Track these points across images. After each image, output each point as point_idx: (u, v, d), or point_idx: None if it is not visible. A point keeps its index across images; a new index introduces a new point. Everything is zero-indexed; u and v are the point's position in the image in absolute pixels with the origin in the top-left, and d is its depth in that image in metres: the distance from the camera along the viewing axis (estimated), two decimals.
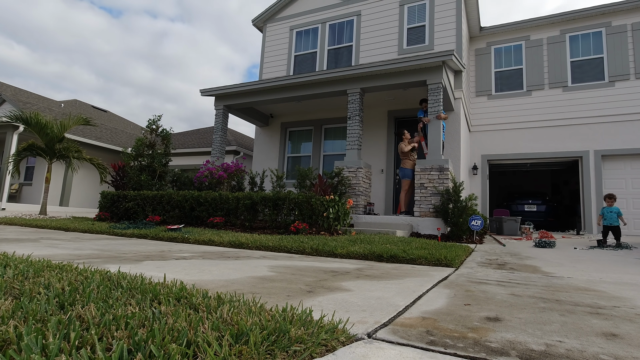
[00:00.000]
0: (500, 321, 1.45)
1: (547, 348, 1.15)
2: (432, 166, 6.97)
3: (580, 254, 4.87)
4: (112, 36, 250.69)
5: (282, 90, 8.79)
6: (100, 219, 7.82)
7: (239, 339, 1.00)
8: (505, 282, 2.47)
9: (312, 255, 3.76)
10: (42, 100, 17.21)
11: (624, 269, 3.43)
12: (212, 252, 3.64)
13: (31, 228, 6.08)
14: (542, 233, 7.32)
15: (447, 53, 7.21)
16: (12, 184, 14.06)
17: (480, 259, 3.96)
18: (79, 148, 10.74)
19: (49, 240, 4.24)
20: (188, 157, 15.24)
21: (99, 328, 0.99)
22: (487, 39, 11.47)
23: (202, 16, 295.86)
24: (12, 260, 2.10)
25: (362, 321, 1.36)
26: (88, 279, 1.66)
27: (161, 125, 9.56)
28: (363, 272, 2.70)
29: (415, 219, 6.92)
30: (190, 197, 7.11)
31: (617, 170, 9.89)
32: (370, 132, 9.57)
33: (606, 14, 10.23)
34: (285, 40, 11.45)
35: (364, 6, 10.44)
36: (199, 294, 1.46)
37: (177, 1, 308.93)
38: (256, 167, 10.79)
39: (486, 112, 11.15)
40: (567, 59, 10.48)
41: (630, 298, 2.06)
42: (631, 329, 1.40)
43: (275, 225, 6.35)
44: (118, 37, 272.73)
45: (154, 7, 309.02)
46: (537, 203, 12.89)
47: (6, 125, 12.11)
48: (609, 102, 9.87)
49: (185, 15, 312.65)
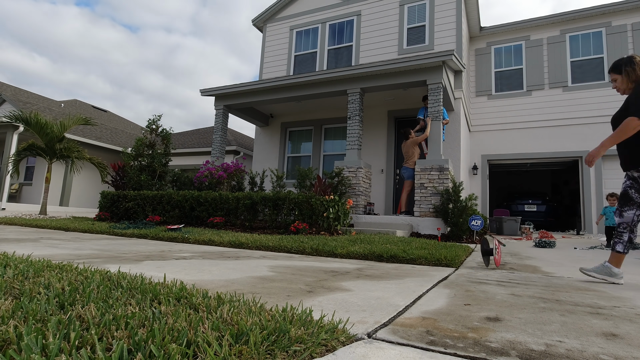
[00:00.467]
0: (500, 321, 1.45)
1: (547, 348, 1.15)
2: (432, 166, 6.97)
3: (581, 254, 4.87)
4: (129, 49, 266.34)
5: (282, 90, 8.79)
6: (100, 219, 7.82)
7: (239, 339, 1.00)
8: (505, 282, 2.47)
9: (312, 255, 3.76)
10: (42, 100, 17.21)
11: (623, 269, 3.42)
12: (212, 252, 3.64)
13: (31, 228, 6.08)
14: (542, 233, 7.33)
15: (447, 53, 7.21)
16: (12, 184, 14.07)
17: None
18: (79, 148, 10.74)
19: (49, 240, 4.24)
20: (188, 157, 15.25)
21: (99, 328, 0.99)
22: (487, 39, 11.47)
23: (214, 32, 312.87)
24: (12, 260, 2.09)
25: (362, 321, 1.36)
26: (88, 279, 1.66)
27: (161, 125, 9.56)
28: (363, 272, 2.70)
29: (415, 219, 6.92)
30: (190, 197, 7.11)
31: (617, 170, 9.87)
32: (370, 132, 9.57)
33: (606, 14, 10.23)
34: (285, 40, 11.46)
35: (364, 6, 10.44)
36: (199, 294, 1.46)
37: (191, 19, 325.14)
38: (256, 167, 10.79)
39: (486, 112, 11.15)
40: (567, 59, 10.48)
41: (630, 298, 2.06)
42: (631, 329, 1.40)
43: (275, 225, 6.35)
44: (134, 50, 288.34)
45: (170, 23, 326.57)
46: (537, 203, 12.90)
47: (6, 125, 12.12)
48: (609, 102, 9.87)
49: (198, 31, 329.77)
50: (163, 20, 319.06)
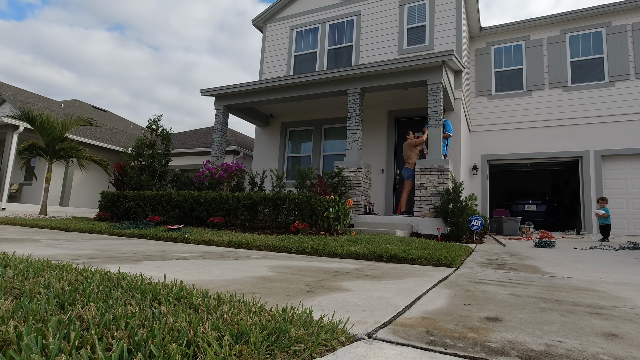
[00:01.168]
0: (500, 321, 1.45)
1: (547, 348, 1.15)
2: (432, 166, 6.97)
3: (581, 254, 4.87)
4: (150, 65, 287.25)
5: (282, 90, 8.79)
6: (100, 219, 7.82)
7: (239, 339, 1.00)
8: (505, 282, 2.47)
9: (312, 255, 3.76)
10: (42, 100, 17.21)
11: (624, 269, 3.43)
12: (212, 252, 3.64)
13: (31, 228, 6.08)
14: (542, 233, 7.33)
15: (447, 53, 7.21)
16: (12, 184, 14.06)
17: (480, 259, 3.96)
18: (80, 148, 10.75)
19: (49, 240, 4.24)
20: (188, 157, 15.24)
21: (99, 328, 0.99)
22: (487, 39, 11.47)
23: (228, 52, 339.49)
24: (12, 260, 2.10)
25: (362, 321, 1.36)
26: (88, 279, 1.66)
27: (161, 125, 9.56)
28: (363, 272, 2.70)
29: (415, 219, 6.92)
30: (190, 197, 7.11)
31: (617, 170, 9.89)
32: (370, 132, 9.57)
33: (606, 14, 10.23)
34: (285, 40, 11.45)
35: (364, 6, 10.44)
36: (199, 294, 1.46)
37: (208, 41, 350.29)
38: (256, 167, 10.79)
39: (486, 112, 11.15)
40: (567, 59, 10.48)
41: (630, 298, 2.06)
42: (631, 329, 1.40)
43: (275, 225, 6.35)
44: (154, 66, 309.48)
45: (190, 45, 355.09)
46: (537, 203, 12.89)
47: (6, 125, 12.11)
48: (609, 102, 9.88)
49: (214, 51, 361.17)
50: (183, 42, 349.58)
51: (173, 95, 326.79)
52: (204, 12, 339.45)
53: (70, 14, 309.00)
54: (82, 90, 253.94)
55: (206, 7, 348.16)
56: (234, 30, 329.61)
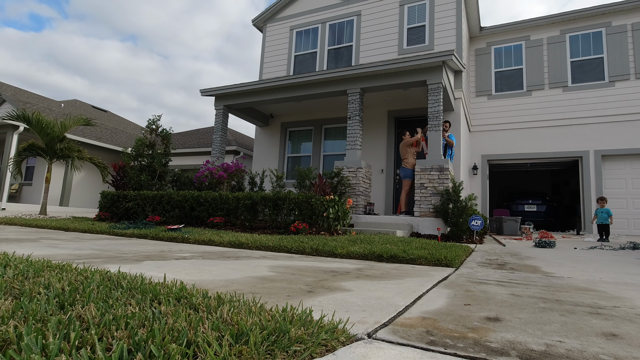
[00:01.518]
0: (500, 321, 1.45)
1: (547, 348, 1.15)
2: (432, 166, 6.97)
3: (581, 254, 4.87)
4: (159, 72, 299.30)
5: (282, 90, 8.79)
6: (100, 219, 7.82)
7: (239, 339, 1.00)
8: (505, 282, 2.47)
9: (312, 255, 3.76)
10: (42, 100, 17.21)
11: (624, 269, 3.43)
12: (212, 252, 3.64)
13: (31, 228, 6.08)
14: (542, 233, 7.33)
15: (447, 53, 7.21)
16: (12, 184, 14.06)
17: (480, 259, 3.96)
18: (79, 148, 10.74)
19: (49, 240, 4.24)
20: (188, 157, 15.24)
21: (99, 328, 0.99)
22: (487, 39, 11.47)
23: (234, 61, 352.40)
24: (12, 260, 2.10)
25: (362, 321, 1.36)
26: (88, 279, 1.66)
27: (161, 125, 9.56)
28: (363, 272, 2.70)
29: (415, 219, 6.92)
30: (190, 197, 7.11)
31: (617, 170, 9.89)
32: (370, 132, 9.57)
33: (606, 14, 10.23)
34: (285, 40, 11.45)
35: (364, 6, 10.44)
36: (199, 294, 1.46)
37: (216, 50, 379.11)
38: (256, 167, 10.79)
39: (486, 112, 11.15)
40: (567, 59, 10.48)
41: (630, 298, 2.06)
42: (631, 329, 1.40)
43: (275, 225, 6.35)
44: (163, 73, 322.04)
45: (198, 54, 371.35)
46: (537, 203, 12.89)
47: (6, 126, 12.11)
48: (609, 102, 9.87)
49: (220, 60, 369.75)
50: (192, 52, 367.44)
51: (180, 100, 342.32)
52: (214, 25, 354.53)
53: (87, 26, 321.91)
54: (91, 95, 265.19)
55: (216, 20, 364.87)
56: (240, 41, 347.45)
